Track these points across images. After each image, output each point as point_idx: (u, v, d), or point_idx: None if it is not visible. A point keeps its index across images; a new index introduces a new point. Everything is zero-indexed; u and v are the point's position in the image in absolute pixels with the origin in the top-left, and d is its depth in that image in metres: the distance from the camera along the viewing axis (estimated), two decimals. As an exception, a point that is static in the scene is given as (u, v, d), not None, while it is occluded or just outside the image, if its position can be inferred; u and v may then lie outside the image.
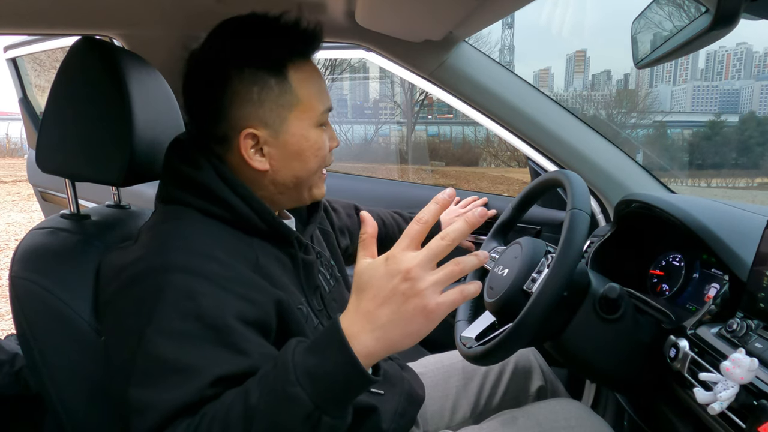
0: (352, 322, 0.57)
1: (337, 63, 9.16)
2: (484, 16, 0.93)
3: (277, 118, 0.76)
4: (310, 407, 0.55)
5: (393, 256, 0.57)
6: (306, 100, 0.77)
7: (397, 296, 0.56)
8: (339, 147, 0.87)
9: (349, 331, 0.57)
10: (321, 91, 0.80)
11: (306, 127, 0.78)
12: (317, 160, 0.80)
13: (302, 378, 0.55)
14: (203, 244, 0.70)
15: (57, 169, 0.84)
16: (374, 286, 0.57)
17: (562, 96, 19.08)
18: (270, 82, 0.75)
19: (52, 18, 1.04)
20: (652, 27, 0.64)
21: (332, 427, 0.57)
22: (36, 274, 0.75)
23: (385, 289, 0.56)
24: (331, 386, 0.56)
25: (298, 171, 0.79)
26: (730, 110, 19.20)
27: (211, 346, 0.63)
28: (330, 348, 0.56)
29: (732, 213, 0.93)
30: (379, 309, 0.56)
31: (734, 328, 0.71)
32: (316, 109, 0.78)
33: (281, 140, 0.77)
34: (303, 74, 0.77)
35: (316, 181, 0.83)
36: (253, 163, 0.76)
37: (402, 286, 0.55)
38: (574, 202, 0.83)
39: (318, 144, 0.80)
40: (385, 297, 0.56)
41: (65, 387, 0.74)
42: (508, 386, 1.11)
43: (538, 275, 0.88)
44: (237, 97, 0.74)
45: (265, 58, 0.75)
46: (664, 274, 1.06)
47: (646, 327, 0.88)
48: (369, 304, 0.57)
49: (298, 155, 0.78)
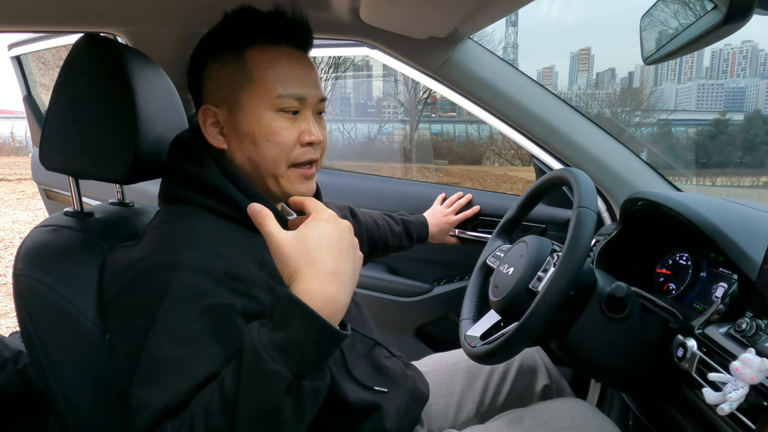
0: (313, 285, 0.59)
1: (341, 61, 9.15)
2: (489, 13, 0.92)
3: (231, 95, 0.77)
4: (290, 377, 0.56)
5: (333, 217, 0.64)
6: (260, 79, 0.76)
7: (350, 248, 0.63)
8: (342, 145, 0.86)
9: (311, 295, 0.58)
10: (285, 77, 0.77)
11: (259, 109, 0.76)
12: (272, 146, 0.77)
13: (274, 354, 0.56)
14: (210, 242, 0.69)
15: (60, 167, 0.84)
16: (329, 243, 0.61)
17: (566, 94, 19.02)
18: (227, 59, 0.78)
19: (55, 15, 1.03)
20: (660, 23, 0.63)
21: (314, 389, 0.59)
22: (39, 271, 0.74)
23: (342, 243, 0.62)
24: (304, 352, 0.57)
25: (252, 154, 0.78)
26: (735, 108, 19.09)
27: (215, 345, 0.63)
28: (293, 318, 0.57)
29: (741, 211, 0.92)
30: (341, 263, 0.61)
31: (743, 328, 0.71)
32: (271, 90, 0.76)
33: (235, 119, 0.77)
34: (265, 56, 0.77)
35: (285, 174, 0.79)
36: (210, 139, 0.78)
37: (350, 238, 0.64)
38: (581, 200, 0.82)
39: (272, 130, 0.76)
40: (344, 250, 0.62)
41: (69, 385, 0.74)
42: (513, 385, 1.11)
43: (544, 274, 0.87)
44: (206, 79, 0.80)
45: (228, 40, 0.78)
46: (671, 273, 1.05)
47: (653, 326, 0.87)
48: (330, 262, 0.60)
49: (249, 137, 0.77)
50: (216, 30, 0.80)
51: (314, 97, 0.80)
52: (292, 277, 0.60)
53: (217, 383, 0.59)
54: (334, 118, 10.76)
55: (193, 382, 0.60)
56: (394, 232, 1.31)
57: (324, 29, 1.13)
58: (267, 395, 0.56)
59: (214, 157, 0.77)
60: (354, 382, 0.85)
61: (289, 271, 0.60)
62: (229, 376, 0.58)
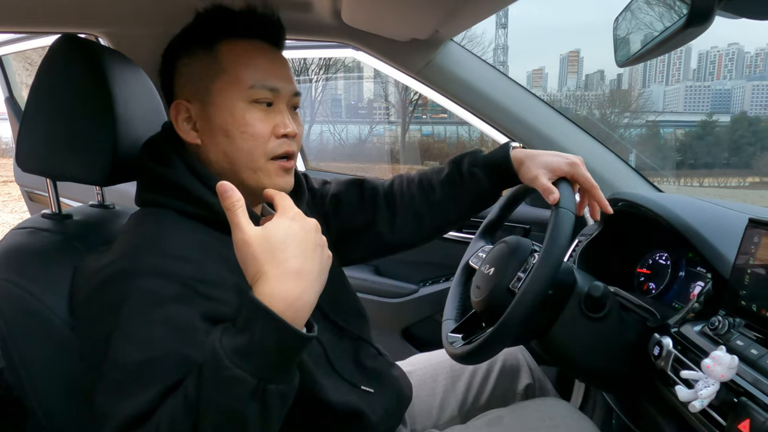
0: (276, 286, 0.56)
1: (331, 63, 9.15)
2: (470, 15, 0.93)
3: (203, 88, 0.77)
4: (253, 383, 0.54)
5: (299, 216, 0.61)
6: (232, 71, 0.76)
7: (317, 247, 0.60)
8: (333, 146, 0.85)
9: (273, 297, 0.55)
10: (258, 68, 0.77)
11: (232, 100, 0.75)
12: (246, 139, 0.75)
13: (235, 358, 0.54)
14: (176, 246, 0.68)
15: (37, 169, 0.83)
16: (294, 243, 0.58)
17: (555, 96, 19.11)
18: (198, 53, 0.77)
19: (35, 16, 1.02)
20: (631, 26, 0.64)
21: (281, 393, 0.57)
22: (14, 274, 0.73)
23: (308, 243, 0.59)
24: (267, 356, 0.55)
25: (226, 148, 0.76)
26: (722, 110, 19.28)
27: (181, 351, 0.61)
28: (255, 321, 0.55)
29: (716, 211, 0.94)
30: (306, 263, 0.58)
31: (716, 326, 0.72)
32: (243, 81, 0.75)
33: (208, 112, 0.76)
34: (237, 49, 0.77)
35: (263, 167, 0.77)
36: (183, 135, 0.77)
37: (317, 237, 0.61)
38: (560, 201, 0.83)
39: (245, 121, 0.75)
40: (310, 250, 0.59)
41: (44, 389, 0.73)
42: (496, 385, 1.11)
43: (524, 274, 0.87)
44: (177, 75, 0.79)
45: (199, 35, 0.78)
46: (651, 273, 1.07)
47: (631, 325, 0.88)
48: (295, 261, 0.57)
49: (223, 130, 0.76)
50: (187, 27, 0.80)
51: (288, 90, 0.79)
52: (255, 276, 0.57)
53: (181, 390, 0.57)
54: (324, 120, 10.74)
55: (158, 390, 0.59)
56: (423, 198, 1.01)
57: (306, 31, 1.13)
58: (231, 401, 0.54)
59: (182, 156, 0.76)
60: (339, 378, 0.84)
61: (252, 270, 0.57)
62: (192, 383, 0.56)
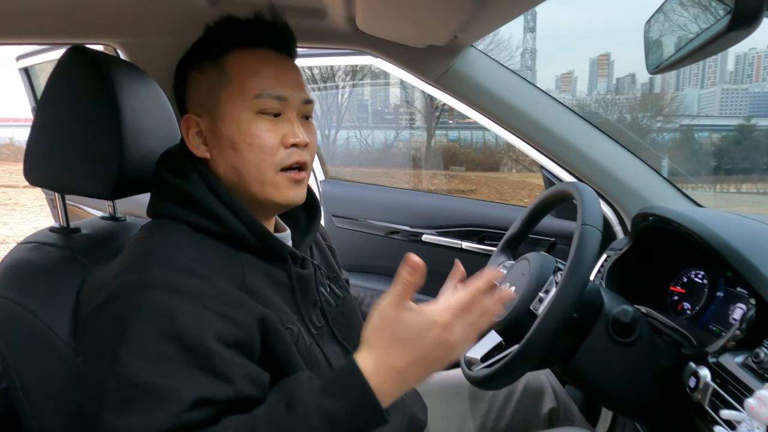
0: (375, 369, 0.59)
1: (358, 69, 9.19)
2: (488, 20, 0.88)
3: (210, 100, 0.75)
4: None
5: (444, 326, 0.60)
6: (238, 81, 0.74)
7: (429, 351, 0.60)
8: (359, 152, 0.83)
9: (372, 377, 0.58)
10: (263, 77, 0.74)
11: (238, 112, 0.73)
12: (253, 150, 0.73)
13: (323, 422, 0.56)
14: (187, 260, 0.66)
15: (44, 182, 0.82)
16: (408, 341, 0.59)
17: (585, 100, 18.78)
18: (207, 65, 0.77)
19: (51, 27, 1.02)
20: (665, 30, 0.58)
21: None
22: (16, 292, 0.72)
23: (420, 348, 0.59)
24: (351, 429, 0.58)
25: (234, 161, 0.74)
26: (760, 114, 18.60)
27: (189, 369, 0.59)
28: (350, 391, 0.58)
29: (757, 228, 0.87)
30: (410, 365, 0.59)
31: (761, 359, 0.65)
32: (248, 91, 0.73)
33: (216, 125, 0.75)
34: (244, 59, 0.76)
35: (272, 180, 0.75)
36: (193, 149, 0.77)
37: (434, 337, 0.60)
38: (585, 218, 0.78)
39: (251, 132, 0.73)
40: (419, 355, 0.59)
41: (43, 409, 0.71)
42: (518, 408, 1.05)
43: (546, 295, 0.83)
44: (188, 88, 0.79)
45: (208, 48, 0.77)
46: (685, 292, 1.00)
47: (664, 351, 0.82)
48: (400, 360, 0.59)
49: (230, 143, 0.74)
50: (198, 40, 0.80)
51: (297, 98, 0.76)
52: (371, 342, 0.61)
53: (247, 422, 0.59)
54: (351, 125, 10.80)
55: (177, 407, 0.57)
56: None
57: (321, 38, 1.10)
58: None
59: (198, 169, 0.75)
60: None
61: (373, 338, 0.61)
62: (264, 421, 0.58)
